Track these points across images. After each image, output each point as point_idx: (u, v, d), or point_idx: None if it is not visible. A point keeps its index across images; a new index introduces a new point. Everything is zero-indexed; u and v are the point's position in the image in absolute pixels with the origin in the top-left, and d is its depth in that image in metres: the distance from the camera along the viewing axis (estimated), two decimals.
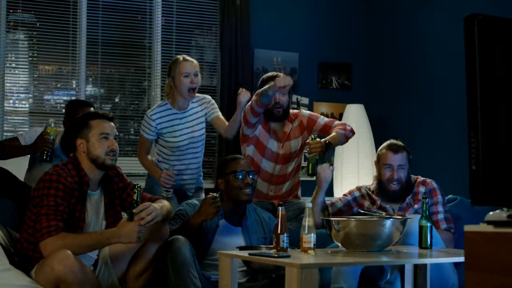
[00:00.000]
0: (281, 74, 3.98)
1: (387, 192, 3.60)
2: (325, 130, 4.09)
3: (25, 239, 3.05)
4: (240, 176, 3.38)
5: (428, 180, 3.65)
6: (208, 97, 4.23)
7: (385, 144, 3.66)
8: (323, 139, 3.82)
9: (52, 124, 3.78)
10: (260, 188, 4.05)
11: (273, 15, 5.82)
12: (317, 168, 3.69)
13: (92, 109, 3.95)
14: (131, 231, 2.90)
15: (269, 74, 4.16)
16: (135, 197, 2.99)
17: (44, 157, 3.75)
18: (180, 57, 4.10)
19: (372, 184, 3.75)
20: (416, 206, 3.54)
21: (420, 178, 3.67)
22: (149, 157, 4.11)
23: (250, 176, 3.41)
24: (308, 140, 3.84)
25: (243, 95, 4.01)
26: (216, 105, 4.22)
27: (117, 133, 3.21)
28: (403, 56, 5.78)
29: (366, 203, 3.67)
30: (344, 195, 3.78)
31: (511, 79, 1.65)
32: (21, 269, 2.98)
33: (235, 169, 3.40)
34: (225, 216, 3.43)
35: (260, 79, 4.18)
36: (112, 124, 3.19)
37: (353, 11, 6.10)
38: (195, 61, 4.08)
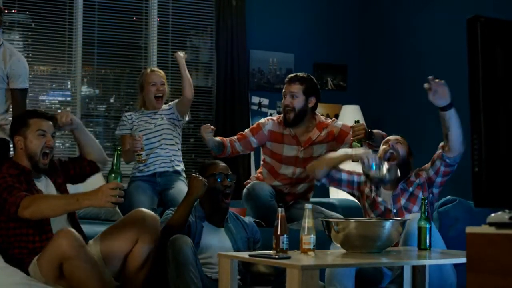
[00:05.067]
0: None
1: None
2: None
3: (14, 247, 3.06)
4: (219, 179, 3.44)
5: (421, 172, 3.66)
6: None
7: None
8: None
9: None
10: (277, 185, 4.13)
11: (269, 16, 5.82)
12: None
13: None
14: (102, 194, 2.80)
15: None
16: (113, 161, 2.97)
17: None
18: (148, 69, 4.47)
19: None
20: (410, 188, 3.55)
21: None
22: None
23: (229, 180, 3.46)
24: (352, 124, 3.88)
25: (180, 56, 4.27)
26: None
27: (55, 131, 3.24)
28: (399, 57, 5.79)
29: (366, 190, 3.68)
30: (351, 172, 3.74)
31: None
32: (17, 267, 2.98)
33: (213, 172, 3.46)
34: (207, 219, 3.47)
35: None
36: (50, 123, 3.22)
37: (349, 12, 6.10)
38: (161, 72, 4.39)
